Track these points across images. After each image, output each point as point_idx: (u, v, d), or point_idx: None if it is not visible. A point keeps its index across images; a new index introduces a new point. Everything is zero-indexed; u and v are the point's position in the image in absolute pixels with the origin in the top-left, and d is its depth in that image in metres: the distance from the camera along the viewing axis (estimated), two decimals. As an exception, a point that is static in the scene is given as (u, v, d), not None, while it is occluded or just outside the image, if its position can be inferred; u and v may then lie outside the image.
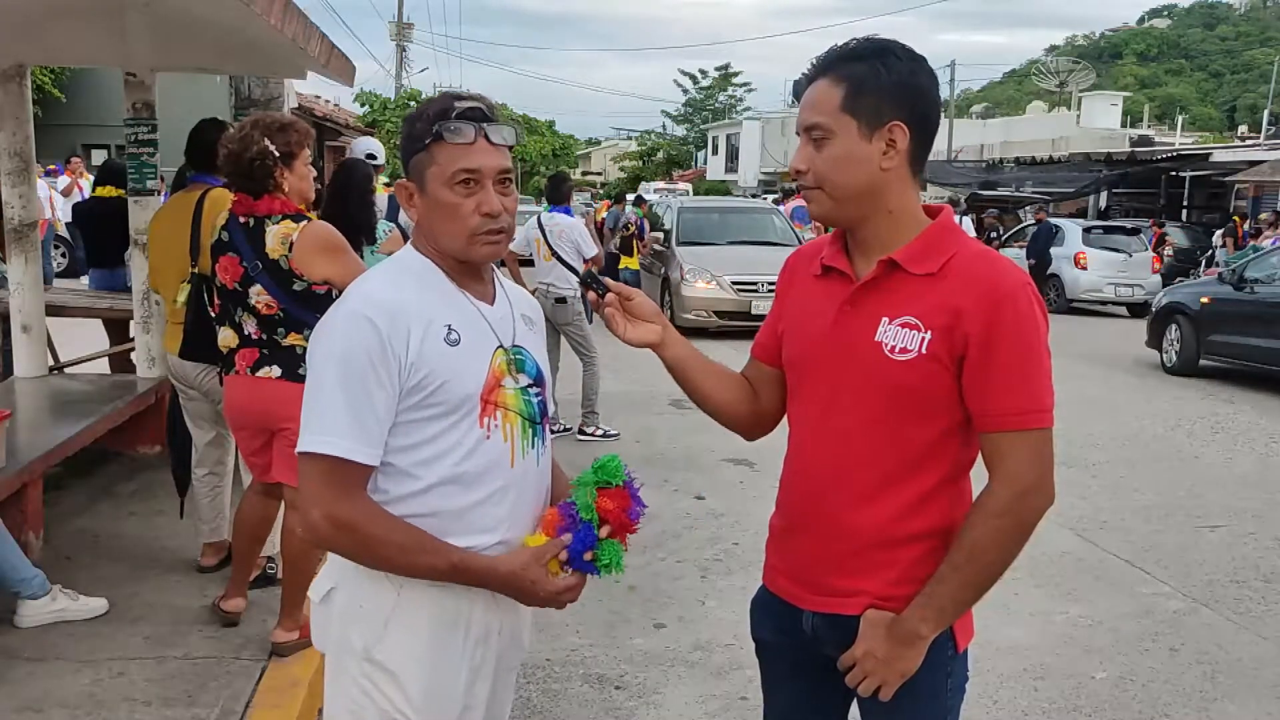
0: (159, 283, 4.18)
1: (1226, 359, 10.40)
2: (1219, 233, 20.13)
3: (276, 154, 3.17)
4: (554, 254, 7.02)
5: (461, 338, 1.62)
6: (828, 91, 1.61)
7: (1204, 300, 10.69)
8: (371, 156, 5.32)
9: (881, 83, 1.59)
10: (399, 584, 1.62)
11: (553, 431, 4.78)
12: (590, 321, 7.11)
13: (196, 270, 3.70)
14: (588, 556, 1.64)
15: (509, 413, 1.67)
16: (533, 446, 1.71)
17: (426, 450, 1.61)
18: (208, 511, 4.04)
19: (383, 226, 4.93)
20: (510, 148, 1.66)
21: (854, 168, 1.61)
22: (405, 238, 3.23)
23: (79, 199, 12.42)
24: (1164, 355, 11.08)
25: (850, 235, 1.71)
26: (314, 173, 3.41)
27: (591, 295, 1.80)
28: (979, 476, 1.66)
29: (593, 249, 7.30)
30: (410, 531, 1.59)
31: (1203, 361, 10.58)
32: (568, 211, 7.49)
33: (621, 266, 14.19)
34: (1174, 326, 10.97)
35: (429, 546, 1.59)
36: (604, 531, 1.65)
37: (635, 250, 14.31)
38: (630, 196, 21.66)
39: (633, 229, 14.59)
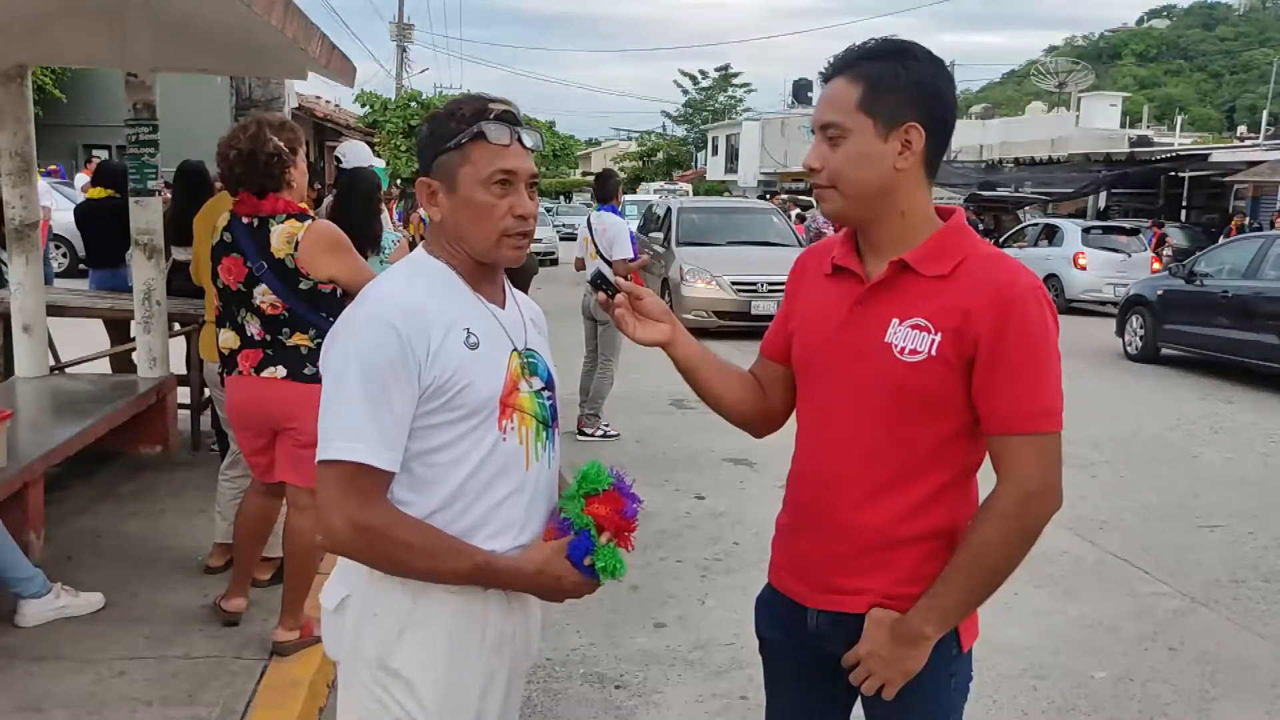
0: (201, 275, 4.16)
1: (1179, 346, 11.04)
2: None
3: (287, 150, 3.18)
4: (599, 253, 7.04)
5: (480, 341, 1.62)
6: (845, 90, 1.60)
7: (1159, 292, 11.39)
8: (337, 160, 5.17)
9: (900, 83, 1.58)
10: (414, 591, 1.61)
11: (603, 435, 4.65)
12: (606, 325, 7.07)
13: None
14: (587, 562, 1.63)
15: (525, 415, 1.66)
16: (545, 450, 1.71)
17: (446, 454, 1.60)
18: (229, 510, 4.02)
19: (390, 237, 4.91)
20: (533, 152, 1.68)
21: (868, 167, 1.60)
22: None
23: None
24: (1127, 344, 11.79)
25: (861, 235, 1.70)
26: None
27: (600, 295, 1.80)
28: (986, 478, 1.66)
29: (623, 254, 7.07)
30: (434, 534, 1.58)
31: (1164, 351, 11.24)
32: (614, 210, 7.42)
33: None
34: (1136, 317, 11.72)
35: (454, 548, 1.58)
36: (604, 537, 1.64)
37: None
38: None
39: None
